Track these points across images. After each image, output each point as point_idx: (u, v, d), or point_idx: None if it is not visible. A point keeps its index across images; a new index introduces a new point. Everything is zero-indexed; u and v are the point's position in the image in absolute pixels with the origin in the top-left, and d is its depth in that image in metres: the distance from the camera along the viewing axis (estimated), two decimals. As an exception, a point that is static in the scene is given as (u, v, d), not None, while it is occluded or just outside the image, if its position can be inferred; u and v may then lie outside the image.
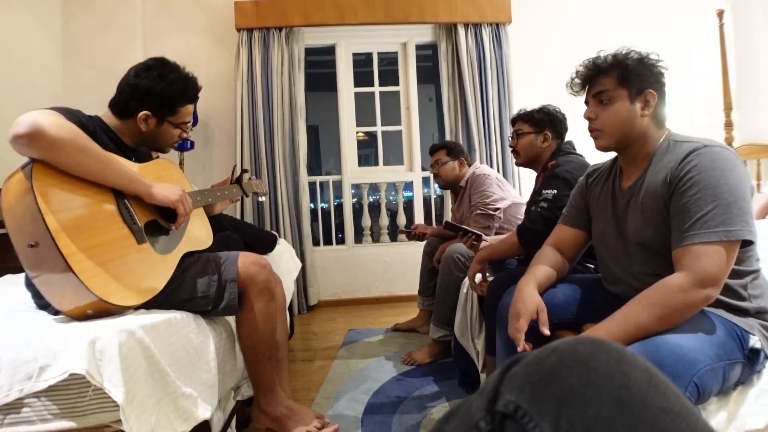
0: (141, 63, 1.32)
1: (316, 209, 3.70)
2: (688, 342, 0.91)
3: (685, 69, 3.49)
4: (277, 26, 3.27)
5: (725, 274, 0.94)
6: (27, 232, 0.97)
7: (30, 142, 0.96)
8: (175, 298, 1.20)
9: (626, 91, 1.08)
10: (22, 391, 0.85)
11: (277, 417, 1.38)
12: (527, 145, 1.82)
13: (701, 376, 0.88)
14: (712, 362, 0.90)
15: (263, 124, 3.24)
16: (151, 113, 1.28)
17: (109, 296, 1.00)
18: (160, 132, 1.33)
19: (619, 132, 1.10)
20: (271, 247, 2.18)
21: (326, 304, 3.46)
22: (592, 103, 1.15)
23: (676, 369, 0.86)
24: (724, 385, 0.94)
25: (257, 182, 1.86)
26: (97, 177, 1.08)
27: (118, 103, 1.28)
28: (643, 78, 1.07)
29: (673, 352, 0.88)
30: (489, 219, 2.22)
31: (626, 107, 1.08)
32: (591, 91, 1.15)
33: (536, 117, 1.81)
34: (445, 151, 2.50)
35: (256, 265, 1.34)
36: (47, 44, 3.10)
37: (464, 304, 1.86)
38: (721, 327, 0.96)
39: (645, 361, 0.41)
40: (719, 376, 0.91)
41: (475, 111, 3.35)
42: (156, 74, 1.29)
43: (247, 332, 1.34)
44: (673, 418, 0.36)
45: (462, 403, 0.45)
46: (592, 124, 1.14)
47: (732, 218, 0.93)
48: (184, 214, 1.24)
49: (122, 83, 1.30)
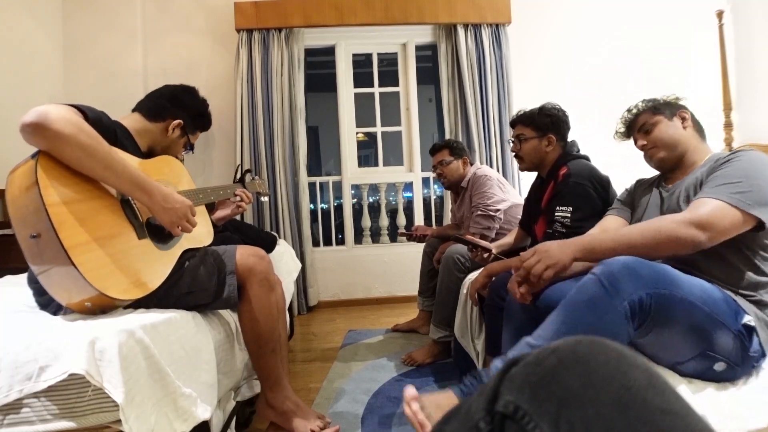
0: (185, 85, 1.51)
1: (316, 210, 3.70)
2: (678, 273, 0.97)
3: (685, 69, 3.50)
4: (277, 27, 3.27)
5: (722, 229, 1.00)
6: (30, 222, 0.98)
7: (34, 131, 0.98)
8: (174, 292, 1.20)
9: (662, 115, 1.28)
10: (22, 391, 0.85)
11: (284, 411, 1.38)
12: (531, 150, 1.73)
13: (669, 298, 0.92)
14: (693, 299, 0.94)
15: (263, 124, 3.24)
16: (182, 123, 1.42)
17: (108, 290, 1.01)
18: (177, 143, 1.45)
19: (672, 142, 1.25)
20: (271, 247, 2.18)
21: (326, 305, 3.46)
22: (639, 136, 1.32)
23: (651, 274, 0.92)
24: (707, 341, 0.97)
25: (260, 182, 1.86)
26: (97, 177, 1.08)
27: (156, 106, 1.39)
28: (671, 105, 1.29)
29: (660, 267, 0.95)
30: (489, 220, 2.22)
31: (668, 124, 1.26)
32: (634, 129, 1.34)
33: (538, 120, 1.72)
34: (448, 150, 2.46)
35: (255, 256, 1.36)
36: (48, 45, 3.10)
37: (464, 304, 1.85)
38: (718, 291, 1.02)
39: (645, 361, 0.41)
40: (697, 320, 0.95)
41: (475, 112, 3.35)
42: (200, 98, 1.52)
43: (250, 324, 1.35)
44: (673, 419, 0.36)
45: (462, 404, 0.46)
46: (645, 147, 1.30)
47: (752, 195, 1.01)
48: (178, 235, 1.24)
49: (164, 91, 1.45)
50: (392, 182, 3.69)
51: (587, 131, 1.79)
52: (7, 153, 2.35)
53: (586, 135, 1.94)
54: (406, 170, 3.66)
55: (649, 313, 0.91)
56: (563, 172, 1.60)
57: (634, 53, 3.56)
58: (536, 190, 1.83)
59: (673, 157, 1.25)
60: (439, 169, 2.48)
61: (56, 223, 0.96)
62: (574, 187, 1.54)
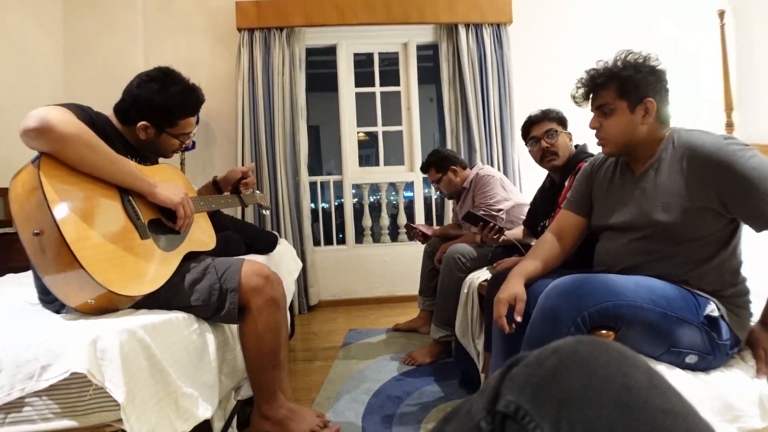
0: (146, 72, 1.33)
1: (317, 209, 3.70)
2: (621, 280, 0.98)
3: (686, 69, 3.49)
4: (278, 27, 3.27)
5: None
6: (33, 220, 0.99)
7: (38, 135, 1.00)
8: (174, 303, 1.19)
9: (626, 102, 1.12)
10: (24, 390, 0.85)
11: (279, 420, 1.37)
12: (564, 144, 1.73)
13: (615, 308, 0.93)
14: (641, 303, 0.95)
15: (264, 124, 3.24)
16: (149, 124, 1.30)
17: (111, 284, 1.01)
18: (160, 141, 1.36)
19: (622, 141, 1.15)
20: (272, 247, 2.18)
21: (327, 304, 3.46)
22: (595, 113, 1.19)
23: (591, 292, 0.93)
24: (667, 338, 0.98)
25: (261, 195, 1.86)
26: (102, 173, 1.10)
27: (121, 110, 1.31)
28: (641, 87, 1.11)
29: (597, 281, 0.96)
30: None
31: (627, 118, 1.12)
32: (593, 103, 1.19)
33: (561, 116, 1.76)
34: (434, 169, 2.53)
35: (260, 276, 1.30)
36: (48, 45, 3.11)
37: (465, 304, 1.85)
38: (672, 288, 1.01)
39: (646, 362, 0.41)
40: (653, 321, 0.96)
41: (476, 111, 3.35)
42: (157, 87, 1.29)
43: (254, 344, 1.31)
44: (674, 419, 0.36)
45: (462, 404, 0.45)
46: (597, 133, 1.19)
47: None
48: (184, 217, 1.24)
49: (126, 91, 1.31)
50: (393, 182, 3.69)
51: (589, 131, 1.79)
52: (8, 152, 2.36)
53: (588, 135, 1.94)
54: (406, 170, 3.66)
55: (599, 322, 0.94)
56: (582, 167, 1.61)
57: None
58: (546, 192, 1.83)
59: (621, 151, 1.18)
60: (434, 185, 2.60)
61: (59, 218, 0.97)
62: None
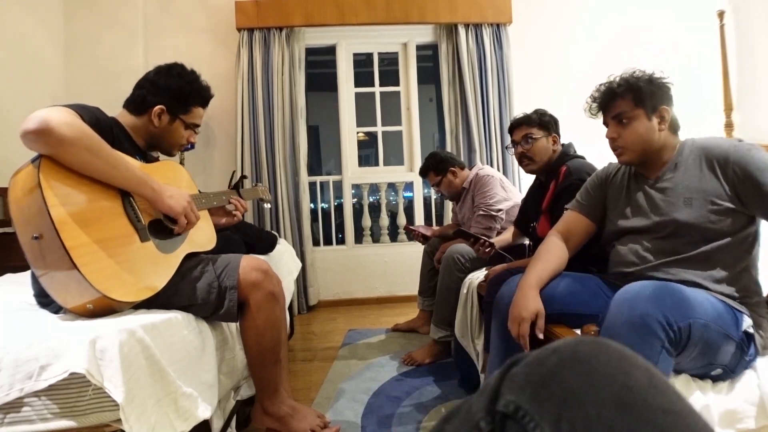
0: (162, 65, 1.38)
1: (317, 209, 3.70)
2: (692, 293, 0.97)
3: (686, 70, 3.49)
4: (278, 26, 3.27)
5: None
6: (32, 224, 0.98)
7: (38, 138, 0.98)
8: (174, 303, 1.19)
9: (642, 110, 1.15)
10: (23, 390, 0.85)
11: (281, 416, 1.37)
12: (542, 149, 1.74)
13: (695, 324, 0.92)
14: (707, 320, 0.94)
15: (264, 124, 3.24)
16: (165, 108, 1.33)
17: (110, 291, 1.00)
18: (171, 130, 1.36)
19: (641, 148, 1.18)
20: (271, 247, 2.18)
21: (326, 305, 3.46)
22: (612, 123, 1.22)
23: (678, 306, 0.92)
24: (713, 355, 0.97)
25: (262, 188, 1.85)
26: (103, 177, 1.08)
27: (136, 99, 1.33)
28: (656, 96, 1.16)
29: (679, 292, 0.94)
30: (491, 220, 2.22)
31: (645, 125, 1.16)
32: (609, 113, 1.22)
33: (543, 120, 1.75)
34: (433, 172, 2.53)
35: (258, 271, 1.30)
36: (49, 44, 3.10)
37: (465, 304, 1.86)
38: (719, 303, 1.02)
39: (645, 361, 0.41)
40: (711, 338, 0.95)
41: (476, 111, 3.35)
42: (176, 73, 1.36)
43: (255, 340, 1.31)
44: (674, 419, 0.36)
45: (462, 404, 0.45)
46: (615, 142, 1.22)
47: None
48: (185, 226, 1.23)
49: (141, 80, 1.36)
50: (393, 182, 3.69)
51: (588, 131, 1.78)
52: (9, 152, 2.36)
53: (588, 135, 1.94)
54: (406, 170, 3.66)
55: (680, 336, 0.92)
56: (564, 171, 1.63)
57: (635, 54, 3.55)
58: (535, 192, 1.83)
59: (640, 159, 1.20)
60: (434, 188, 2.60)
61: (58, 224, 0.96)
62: (577, 184, 1.56)
